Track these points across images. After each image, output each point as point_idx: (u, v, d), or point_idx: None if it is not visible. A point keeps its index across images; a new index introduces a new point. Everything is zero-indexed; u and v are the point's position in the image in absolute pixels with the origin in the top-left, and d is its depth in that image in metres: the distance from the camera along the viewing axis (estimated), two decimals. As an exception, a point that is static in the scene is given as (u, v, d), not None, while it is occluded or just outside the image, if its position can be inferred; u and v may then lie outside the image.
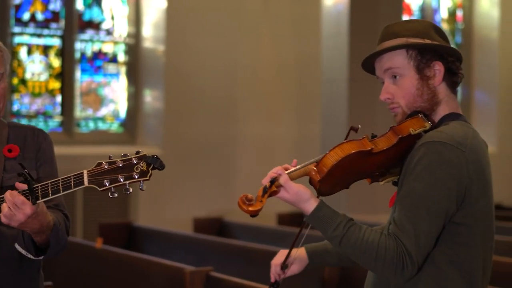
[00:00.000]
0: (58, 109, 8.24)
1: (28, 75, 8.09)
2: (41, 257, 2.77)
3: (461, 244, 2.40)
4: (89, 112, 8.45)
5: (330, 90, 7.78)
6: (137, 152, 2.51)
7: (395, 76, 2.52)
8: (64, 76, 8.23)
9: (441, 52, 2.53)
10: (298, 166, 2.47)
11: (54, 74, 8.20)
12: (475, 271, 2.43)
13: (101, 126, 8.49)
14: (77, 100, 8.32)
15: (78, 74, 8.31)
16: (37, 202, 2.52)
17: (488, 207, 2.46)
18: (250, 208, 2.35)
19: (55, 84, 8.21)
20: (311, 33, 8.95)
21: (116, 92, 8.59)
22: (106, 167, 2.49)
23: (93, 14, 8.43)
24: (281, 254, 2.89)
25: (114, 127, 8.57)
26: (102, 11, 8.48)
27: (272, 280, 2.84)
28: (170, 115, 8.35)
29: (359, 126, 2.59)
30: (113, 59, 8.56)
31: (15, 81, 7.99)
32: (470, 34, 11.33)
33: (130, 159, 2.49)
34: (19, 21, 8.00)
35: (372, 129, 2.52)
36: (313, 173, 2.42)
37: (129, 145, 8.34)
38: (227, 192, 8.56)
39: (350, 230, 2.35)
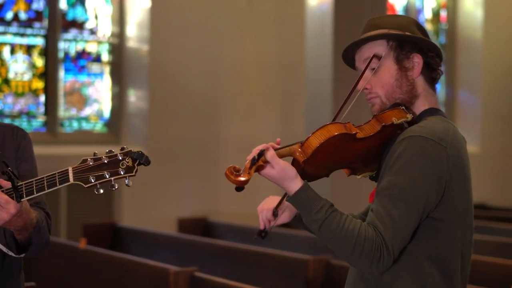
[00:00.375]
0: (42, 109, 8.20)
1: (11, 75, 8.04)
2: (23, 255, 2.74)
3: (440, 239, 2.41)
4: (73, 112, 8.42)
5: (314, 90, 7.78)
6: (122, 148, 2.50)
7: (374, 67, 2.53)
8: (48, 75, 8.19)
9: (421, 45, 2.55)
10: (283, 146, 2.43)
11: (38, 73, 8.16)
12: (454, 266, 2.44)
13: (85, 126, 8.46)
14: (61, 100, 8.28)
15: (61, 73, 8.27)
16: (21, 200, 2.50)
17: (467, 202, 2.47)
18: (238, 178, 2.31)
19: (39, 84, 8.17)
20: (295, 33, 8.95)
21: (100, 92, 8.55)
22: (91, 163, 2.47)
23: (77, 13, 8.40)
24: (272, 200, 2.70)
25: (98, 127, 8.54)
26: (85, 10, 8.44)
27: (262, 227, 2.61)
28: (154, 115, 8.33)
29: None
30: (97, 59, 8.53)
31: (-4, 82, 7.96)
32: (454, 34, 11.37)
33: (116, 155, 2.48)
34: (2, 21, 7.95)
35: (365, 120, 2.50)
36: (298, 153, 2.38)
37: (113, 145, 8.31)
38: (212, 192, 8.55)
39: (331, 216, 2.32)
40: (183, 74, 8.51)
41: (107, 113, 8.58)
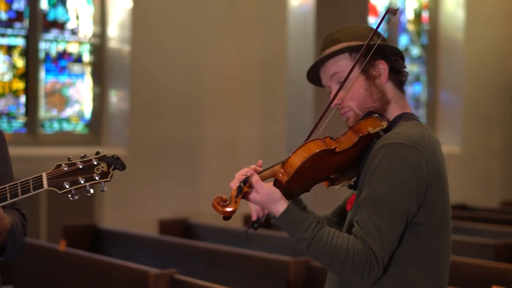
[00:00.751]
0: (22, 110, 8.14)
1: (-9, 75, 7.99)
2: None
3: (423, 243, 2.43)
4: (54, 112, 8.36)
5: (296, 91, 7.77)
6: (97, 153, 2.48)
7: (341, 81, 2.53)
8: (28, 76, 8.13)
9: (384, 51, 2.56)
10: (265, 168, 2.44)
11: (18, 74, 8.10)
12: (437, 270, 2.46)
13: (66, 127, 8.41)
14: (42, 101, 8.23)
15: (42, 74, 8.21)
16: None
17: (446, 205, 2.50)
18: (226, 209, 2.32)
19: (19, 85, 8.11)
20: (277, 34, 8.94)
21: (81, 93, 8.50)
22: (65, 169, 2.45)
23: (58, 13, 8.34)
24: None
25: (79, 128, 8.50)
26: (67, 10, 8.39)
27: (254, 217, 2.53)
28: (135, 116, 8.30)
29: (398, 8, 2.63)
30: (78, 59, 8.47)
31: (-22, 82, 7.91)
32: (435, 35, 11.39)
33: (90, 160, 2.46)
34: (-18, 21, 7.89)
35: (340, 130, 2.51)
36: (280, 174, 2.40)
37: (94, 146, 8.27)
38: (193, 193, 8.53)
39: (319, 233, 2.35)
40: (165, 75, 8.48)
41: (88, 114, 8.53)
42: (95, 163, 2.45)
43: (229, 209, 2.32)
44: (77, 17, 8.45)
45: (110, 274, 5.30)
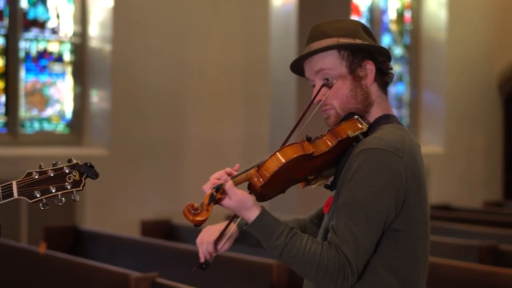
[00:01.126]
0: (2, 110, 8.04)
1: (-30, 75, 7.89)
2: None
3: (400, 250, 2.40)
4: (34, 112, 8.28)
5: (279, 91, 7.73)
6: (69, 161, 2.41)
7: (327, 78, 2.49)
8: (8, 75, 8.04)
9: (372, 51, 2.51)
10: (239, 172, 2.40)
11: (-2, 73, 8.03)
12: (414, 277, 2.43)
13: (47, 127, 8.33)
14: (22, 100, 8.14)
15: (22, 73, 8.12)
16: None
17: (424, 210, 2.46)
18: (197, 218, 2.28)
19: (-1, 84, 8.03)
20: (259, 34, 8.90)
21: (62, 92, 8.42)
22: (36, 177, 2.38)
23: (38, 12, 8.26)
24: (212, 231, 2.57)
25: (60, 128, 8.42)
26: (47, 9, 8.30)
27: (202, 259, 2.51)
28: (117, 115, 8.23)
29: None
30: (59, 59, 8.39)
31: (-43, 81, 7.82)
32: (418, 35, 11.39)
33: (62, 168, 2.39)
34: (-39, 20, 7.79)
35: (322, 130, 2.47)
36: (255, 178, 2.36)
37: (75, 146, 8.21)
38: (176, 194, 8.47)
39: (292, 240, 2.31)
40: (147, 74, 8.43)
41: (69, 114, 8.45)
42: (67, 171, 2.38)
43: (199, 218, 2.29)
44: (58, 16, 8.37)
45: (91, 277, 5.23)
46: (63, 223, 7.25)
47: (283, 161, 2.33)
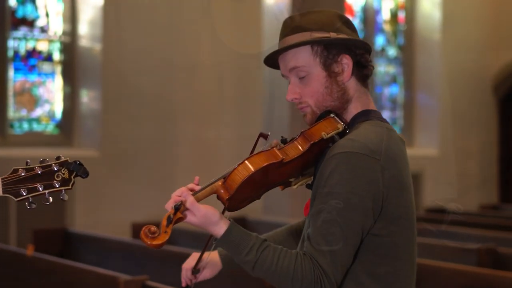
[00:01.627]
0: (-9, 110, 7.90)
1: (-43, 74, 7.73)
2: None
3: (382, 256, 2.28)
4: (23, 113, 8.13)
5: (271, 90, 7.64)
6: (58, 158, 2.29)
7: (302, 76, 2.38)
8: (-4, 75, 7.90)
9: (349, 45, 2.37)
10: (205, 185, 2.32)
11: (-14, 73, 7.87)
12: (399, 283, 2.31)
13: (36, 127, 8.18)
14: (10, 101, 7.98)
15: (11, 73, 7.97)
16: None
17: (408, 211, 2.32)
18: (155, 242, 2.20)
19: (-14, 84, 7.87)
20: (251, 32, 8.78)
21: (52, 92, 8.28)
22: (22, 174, 2.25)
23: (27, 11, 8.12)
24: (193, 257, 2.67)
25: (50, 128, 8.27)
26: (36, 8, 8.16)
27: (183, 284, 2.62)
28: (107, 116, 8.10)
29: (269, 133, 2.44)
30: (48, 58, 8.24)
31: None
32: (412, 35, 11.30)
33: (50, 165, 2.27)
34: None
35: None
36: (222, 190, 2.28)
37: (65, 147, 8.07)
38: (167, 196, 8.33)
39: (263, 254, 2.21)
40: (138, 74, 8.29)
41: (59, 114, 8.31)
42: (56, 169, 2.26)
43: (157, 242, 2.20)
44: (47, 15, 8.22)
45: (79, 280, 5.12)
46: (52, 226, 7.13)
47: (251, 170, 2.25)
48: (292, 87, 2.41)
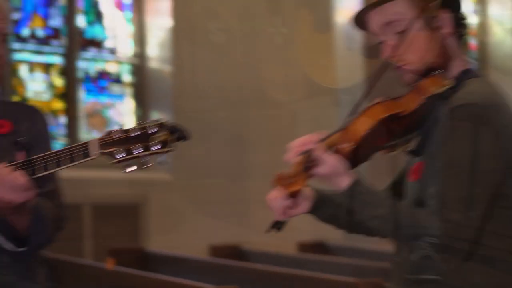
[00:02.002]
0: (62, 131, 7.72)
1: (29, 94, 7.56)
2: (23, 249, 2.26)
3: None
4: (95, 134, 7.96)
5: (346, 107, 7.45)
6: (156, 120, 2.12)
7: (399, 31, 2.20)
8: (68, 96, 7.74)
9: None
10: (325, 136, 2.18)
11: (58, 93, 7.70)
12: None
13: (108, 149, 8.01)
14: (82, 122, 7.84)
15: (82, 94, 7.82)
16: (35, 176, 2.10)
17: None
18: (292, 189, 2.12)
19: (58, 104, 7.69)
20: (323, 52, 8.57)
21: (122, 115, 8.13)
22: (119, 135, 2.04)
23: (95, 32, 7.99)
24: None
25: (123, 150, 8.09)
26: (104, 29, 8.04)
27: (278, 217, 2.22)
28: (179, 138, 7.89)
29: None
30: (117, 80, 8.10)
31: (16, 99, 7.49)
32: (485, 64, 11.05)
33: (147, 127, 2.09)
34: (18, 38, 7.48)
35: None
36: (344, 144, 2.15)
37: (137, 169, 7.89)
38: (243, 219, 8.08)
39: (394, 208, 2.09)
40: (208, 96, 8.12)
41: (131, 137, 8.13)
42: (154, 130, 2.09)
43: (294, 189, 2.12)
44: (115, 36, 8.09)
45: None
46: (128, 245, 6.99)
47: (372, 121, 2.12)
48: (389, 44, 2.22)
